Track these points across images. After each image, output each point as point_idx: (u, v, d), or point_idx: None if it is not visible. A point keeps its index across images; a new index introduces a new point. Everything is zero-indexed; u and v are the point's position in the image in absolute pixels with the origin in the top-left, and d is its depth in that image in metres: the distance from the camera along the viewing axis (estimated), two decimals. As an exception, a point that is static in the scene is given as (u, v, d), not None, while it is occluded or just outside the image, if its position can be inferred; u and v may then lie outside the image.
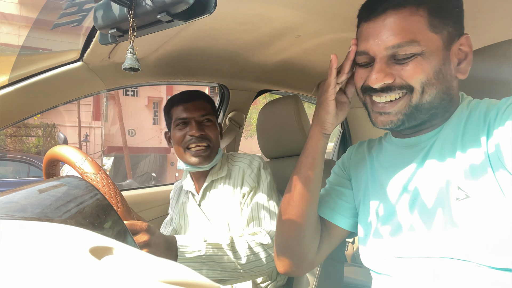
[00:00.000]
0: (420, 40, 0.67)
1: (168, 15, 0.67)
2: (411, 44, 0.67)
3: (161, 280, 0.26)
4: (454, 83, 0.73)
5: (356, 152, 0.95)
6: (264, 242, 1.05)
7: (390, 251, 0.76)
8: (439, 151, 0.73)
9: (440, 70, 0.69)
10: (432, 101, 0.70)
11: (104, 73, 1.21)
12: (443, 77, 0.70)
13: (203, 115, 1.24)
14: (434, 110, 0.72)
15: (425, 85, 0.69)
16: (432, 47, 0.68)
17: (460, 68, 0.72)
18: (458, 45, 0.71)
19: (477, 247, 0.63)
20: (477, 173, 0.65)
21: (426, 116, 0.73)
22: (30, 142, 12.93)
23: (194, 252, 0.92)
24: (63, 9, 1.22)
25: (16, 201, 0.44)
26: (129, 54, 0.72)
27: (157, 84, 1.49)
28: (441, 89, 0.70)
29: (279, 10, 1.08)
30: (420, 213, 0.72)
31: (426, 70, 0.68)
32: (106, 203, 0.50)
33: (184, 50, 1.30)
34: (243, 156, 1.29)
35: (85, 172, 0.75)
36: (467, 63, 0.72)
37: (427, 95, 0.69)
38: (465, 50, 0.72)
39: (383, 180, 0.82)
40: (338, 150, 2.42)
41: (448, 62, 0.70)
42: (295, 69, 1.67)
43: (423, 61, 0.68)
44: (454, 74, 0.72)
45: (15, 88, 1.04)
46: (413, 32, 0.67)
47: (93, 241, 0.31)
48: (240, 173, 1.23)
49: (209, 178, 1.27)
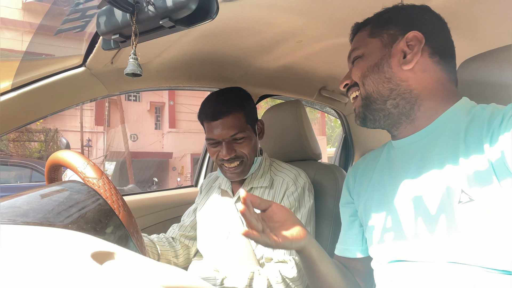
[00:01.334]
0: (360, 46, 0.86)
1: (170, 21, 0.68)
2: (354, 50, 0.87)
3: (163, 285, 0.26)
4: (402, 75, 0.80)
5: (355, 170, 0.98)
6: (290, 275, 0.98)
7: (392, 255, 0.76)
8: (439, 154, 0.73)
9: (376, 64, 0.82)
10: (376, 91, 0.82)
11: (107, 78, 1.22)
12: (378, 69, 0.81)
13: (233, 135, 1.14)
14: (391, 100, 0.81)
15: (362, 78, 0.84)
16: (370, 49, 0.84)
17: (406, 60, 0.79)
18: (404, 42, 0.80)
19: (481, 251, 0.63)
20: (480, 177, 0.65)
21: (384, 105, 0.81)
22: (33, 147, 12.97)
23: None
24: (66, 15, 1.23)
25: (19, 205, 0.45)
26: (131, 60, 0.72)
27: (159, 89, 1.50)
28: (378, 79, 0.81)
29: (280, 15, 1.09)
30: (422, 216, 0.71)
31: (361, 67, 0.84)
32: (108, 208, 0.50)
33: (186, 55, 1.31)
34: (289, 169, 1.22)
35: (87, 177, 0.75)
36: (412, 54, 0.79)
37: (367, 85, 0.83)
38: (413, 44, 0.79)
39: (384, 184, 0.83)
40: (340, 154, 2.42)
41: (388, 56, 0.81)
42: (297, 74, 1.68)
43: (361, 61, 0.85)
44: (400, 66, 0.79)
45: (18, 93, 1.04)
46: (357, 42, 0.88)
47: (95, 246, 0.31)
48: (284, 186, 1.16)
49: (248, 184, 1.21)
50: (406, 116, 0.81)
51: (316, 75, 1.72)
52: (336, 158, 2.44)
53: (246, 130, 1.16)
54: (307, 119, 1.45)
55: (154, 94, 16.00)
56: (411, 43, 0.79)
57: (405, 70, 0.79)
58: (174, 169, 16.10)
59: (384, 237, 0.79)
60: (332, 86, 1.91)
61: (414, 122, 0.80)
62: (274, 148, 1.54)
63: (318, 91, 1.91)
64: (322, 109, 2.57)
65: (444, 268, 0.67)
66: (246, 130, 1.16)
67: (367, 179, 0.91)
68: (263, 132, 1.28)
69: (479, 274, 0.63)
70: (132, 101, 16.30)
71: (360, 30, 0.89)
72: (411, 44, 0.79)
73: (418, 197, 0.73)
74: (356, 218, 0.94)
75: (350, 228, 0.95)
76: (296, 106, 1.43)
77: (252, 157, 1.19)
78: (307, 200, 1.16)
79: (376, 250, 0.81)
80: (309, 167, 1.40)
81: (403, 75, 0.80)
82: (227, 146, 1.14)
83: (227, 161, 1.16)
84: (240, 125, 1.15)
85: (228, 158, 1.14)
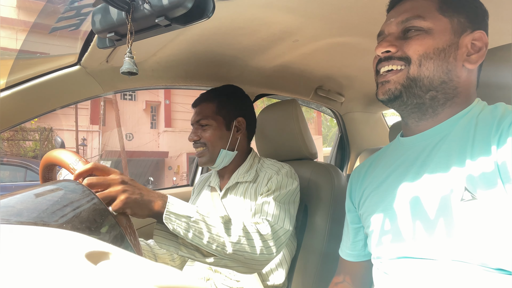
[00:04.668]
0: (426, 17, 0.74)
1: (166, 19, 0.67)
2: (418, 18, 0.74)
3: (158, 285, 0.26)
4: (459, 71, 0.75)
5: (358, 173, 0.97)
6: (263, 231, 1.01)
7: (393, 252, 0.76)
8: (446, 151, 0.73)
9: (443, 49, 0.73)
10: (430, 78, 0.74)
11: (102, 77, 1.21)
12: (444, 56, 0.73)
13: (198, 120, 1.29)
14: (434, 92, 0.75)
15: (423, 57, 0.73)
16: (439, 27, 0.74)
17: (470, 58, 0.75)
18: (471, 38, 0.75)
19: (481, 250, 0.63)
20: (485, 178, 0.65)
21: (425, 94, 0.75)
22: (27, 147, 12.89)
23: (183, 211, 0.86)
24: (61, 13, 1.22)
25: (13, 205, 0.44)
26: (127, 58, 0.71)
27: (155, 88, 1.49)
28: (440, 66, 0.74)
29: (277, 14, 1.09)
30: (424, 213, 0.71)
31: (426, 45, 0.73)
32: (103, 208, 0.50)
33: (182, 54, 1.30)
34: (273, 163, 1.27)
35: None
36: (478, 55, 0.75)
37: (424, 68, 0.74)
38: (478, 45, 0.75)
39: (388, 180, 0.83)
40: (336, 154, 2.42)
41: (455, 47, 0.74)
42: (293, 74, 1.68)
43: (426, 37, 0.73)
44: (461, 62, 0.75)
45: (12, 92, 1.03)
46: (421, 10, 0.75)
47: (90, 245, 0.30)
48: (266, 178, 1.21)
49: (234, 178, 1.28)
50: (433, 109, 0.77)
51: (312, 75, 1.72)
52: (332, 158, 2.45)
53: (211, 119, 1.27)
54: (303, 118, 1.45)
55: (150, 93, 15.94)
56: (477, 43, 0.75)
57: (463, 68, 0.75)
58: (170, 168, 16.06)
59: (385, 234, 0.79)
60: (328, 85, 1.91)
61: (436, 117, 0.78)
62: (270, 147, 1.54)
63: (314, 90, 1.91)
64: (318, 109, 2.58)
65: (445, 266, 0.67)
66: (211, 119, 1.28)
67: (369, 178, 0.91)
68: (243, 130, 1.32)
69: (479, 272, 0.63)
70: (128, 100, 16.24)
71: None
72: (477, 45, 0.75)
73: (420, 193, 0.73)
74: (361, 224, 0.94)
75: (357, 234, 0.95)
76: (292, 106, 1.43)
77: (216, 147, 1.27)
78: (290, 183, 1.19)
79: (376, 246, 0.81)
80: (305, 166, 1.40)
81: (461, 72, 0.75)
82: (194, 130, 1.30)
83: (194, 145, 1.30)
84: (207, 113, 1.28)
85: (192, 141, 1.30)
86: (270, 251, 1.00)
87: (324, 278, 1.25)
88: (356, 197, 0.94)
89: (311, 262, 1.27)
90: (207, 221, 0.90)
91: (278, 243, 1.03)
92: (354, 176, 0.98)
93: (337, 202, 1.30)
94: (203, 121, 1.28)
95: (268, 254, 0.99)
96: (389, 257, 0.77)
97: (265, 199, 1.12)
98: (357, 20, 0.94)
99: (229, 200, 1.26)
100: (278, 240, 1.03)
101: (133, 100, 16.37)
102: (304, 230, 1.33)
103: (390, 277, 0.76)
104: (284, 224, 1.07)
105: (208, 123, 1.27)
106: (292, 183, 1.19)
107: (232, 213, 1.22)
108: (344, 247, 0.99)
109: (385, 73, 0.78)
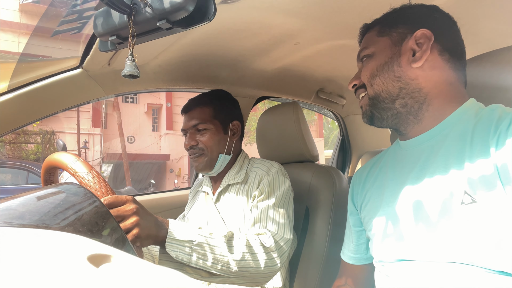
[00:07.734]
0: (369, 45, 0.86)
1: (167, 22, 0.67)
2: (364, 49, 0.87)
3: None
4: (410, 74, 0.79)
5: (360, 175, 0.98)
6: (267, 244, 1.01)
7: (394, 255, 0.76)
8: (444, 155, 0.73)
9: (385, 63, 0.82)
10: (386, 90, 0.81)
11: (104, 80, 1.22)
12: (388, 68, 0.81)
13: (195, 125, 1.25)
14: (400, 99, 0.80)
15: (371, 78, 0.84)
16: (380, 47, 0.84)
17: (415, 58, 0.79)
18: (413, 40, 0.80)
19: (481, 252, 0.63)
20: (484, 181, 0.65)
21: (393, 105, 0.81)
22: (29, 149, 12.91)
23: (185, 235, 0.88)
24: (63, 17, 1.23)
25: (14, 208, 0.44)
26: (128, 61, 0.72)
27: (156, 91, 1.49)
28: (387, 78, 0.81)
29: (278, 17, 1.09)
30: (425, 216, 0.71)
31: (370, 67, 0.84)
32: (105, 210, 0.50)
33: (184, 57, 1.31)
34: (263, 163, 1.27)
35: (76, 172, 0.74)
36: (422, 51, 0.79)
37: (375, 85, 0.83)
38: (422, 42, 0.79)
39: (388, 184, 0.84)
40: (337, 156, 2.42)
41: (397, 55, 0.81)
42: (294, 76, 1.68)
43: (370, 61, 0.85)
44: (408, 64, 0.79)
45: (14, 95, 1.04)
46: (366, 42, 0.88)
47: (91, 248, 0.30)
48: (257, 178, 1.20)
49: (225, 181, 1.26)
50: (414, 116, 0.80)
51: (313, 77, 1.72)
52: (334, 160, 2.44)
53: (209, 124, 1.25)
54: (304, 121, 1.45)
55: (151, 96, 15.97)
56: (420, 41, 0.79)
57: (414, 68, 0.79)
58: (172, 171, 16.07)
59: (386, 236, 0.79)
60: (329, 88, 1.91)
61: (422, 122, 0.80)
62: (271, 150, 1.54)
63: (315, 93, 1.91)
64: (319, 111, 2.58)
65: (447, 268, 0.67)
66: (210, 123, 1.25)
67: (370, 181, 0.91)
68: (238, 134, 1.32)
69: (479, 274, 0.63)
70: (129, 103, 16.27)
71: (369, 31, 0.89)
72: (420, 42, 0.79)
73: (421, 197, 0.73)
74: (363, 227, 0.94)
75: (359, 237, 0.96)
76: (293, 108, 1.43)
77: (215, 152, 1.25)
78: (282, 181, 1.18)
79: (378, 249, 0.81)
80: (307, 169, 1.40)
81: (413, 73, 0.79)
82: (189, 135, 1.26)
83: (190, 150, 1.25)
84: (204, 117, 1.25)
85: (189, 147, 1.24)
86: (274, 263, 1.00)
87: (326, 281, 1.24)
88: (358, 200, 0.94)
89: (313, 265, 1.26)
90: (210, 242, 0.92)
91: (281, 253, 1.03)
92: (356, 179, 0.98)
93: (338, 204, 1.30)
94: (201, 126, 1.24)
95: (273, 265, 1.00)
96: (391, 260, 0.77)
97: (264, 206, 1.12)
98: (358, 23, 0.94)
99: (222, 204, 1.25)
100: (281, 251, 1.04)
101: (134, 103, 16.41)
102: (306, 233, 1.33)
103: (392, 280, 0.76)
104: (285, 233, 1.07)
105: (207, 128, 1.24)
106: (284, 181, 1.19)
107: (226, 217, 1.22)
108: (346, 250, 0.99)
109: (360, 99, 0.89)
